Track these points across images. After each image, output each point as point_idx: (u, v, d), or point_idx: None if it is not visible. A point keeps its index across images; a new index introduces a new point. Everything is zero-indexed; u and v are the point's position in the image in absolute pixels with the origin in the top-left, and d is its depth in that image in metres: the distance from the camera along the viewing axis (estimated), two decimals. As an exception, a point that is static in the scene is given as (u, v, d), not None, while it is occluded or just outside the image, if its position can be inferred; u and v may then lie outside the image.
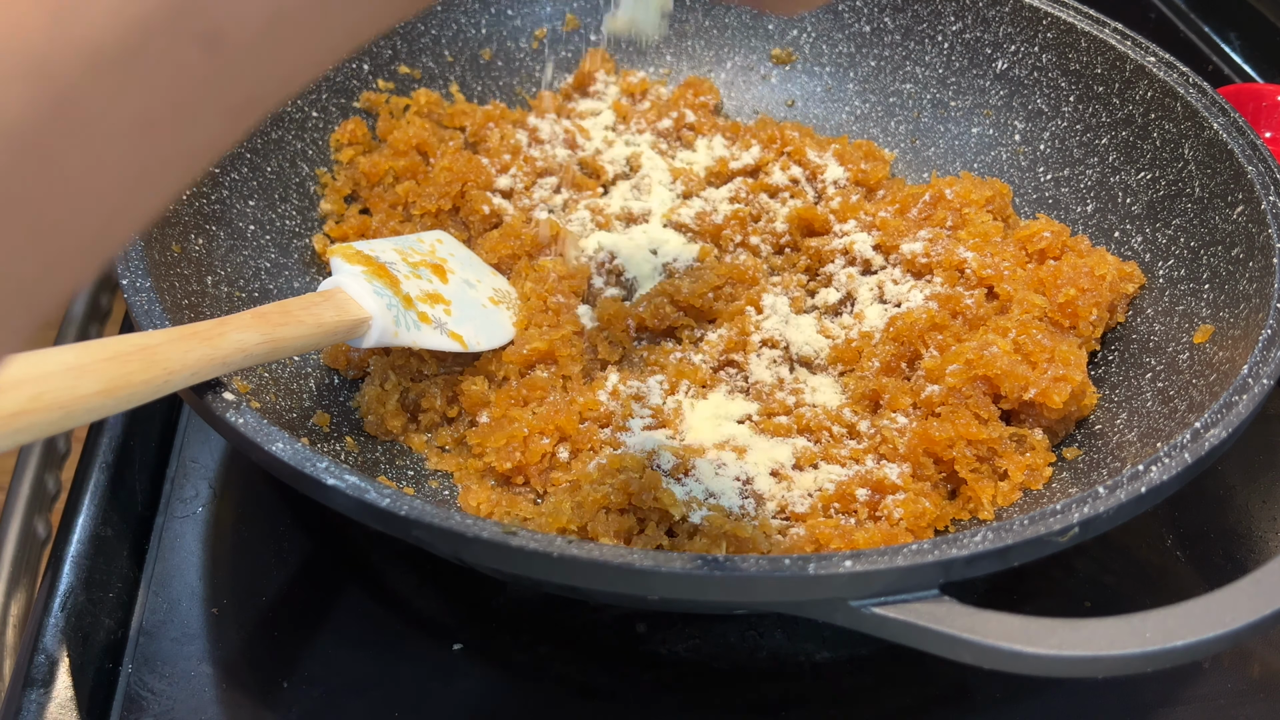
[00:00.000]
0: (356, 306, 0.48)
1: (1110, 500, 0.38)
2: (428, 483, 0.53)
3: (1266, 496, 0.56)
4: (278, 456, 0.39)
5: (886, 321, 0.57)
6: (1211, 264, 0.53)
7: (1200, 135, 0.56)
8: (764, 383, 0.57)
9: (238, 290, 0.55)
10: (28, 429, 0.33)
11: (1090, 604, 0.51)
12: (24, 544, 0.60)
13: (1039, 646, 0.35)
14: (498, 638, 0.50)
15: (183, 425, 0.59)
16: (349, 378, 0.57)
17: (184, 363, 0.38)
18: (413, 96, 0.70)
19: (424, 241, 0.58)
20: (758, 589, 0.35)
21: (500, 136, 0.69)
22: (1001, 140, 0.68)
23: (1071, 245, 0.59)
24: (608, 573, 0.36)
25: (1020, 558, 0.38)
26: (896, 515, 0.48)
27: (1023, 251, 0.59)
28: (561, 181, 0.68)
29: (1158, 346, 0.53)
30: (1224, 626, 0.35)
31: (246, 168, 0.60)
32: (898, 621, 0.36)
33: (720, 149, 0.71)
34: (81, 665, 0.47)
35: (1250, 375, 0.44)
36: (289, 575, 0.52)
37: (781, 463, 0.52)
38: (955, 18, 0.70)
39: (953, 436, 0.50)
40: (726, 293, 0.60)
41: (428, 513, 0.37)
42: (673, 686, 0.48)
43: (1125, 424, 0.51)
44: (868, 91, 0.74)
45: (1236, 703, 0.48)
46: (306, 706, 0.47)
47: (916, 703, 0.48)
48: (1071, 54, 0.64)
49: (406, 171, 0.65)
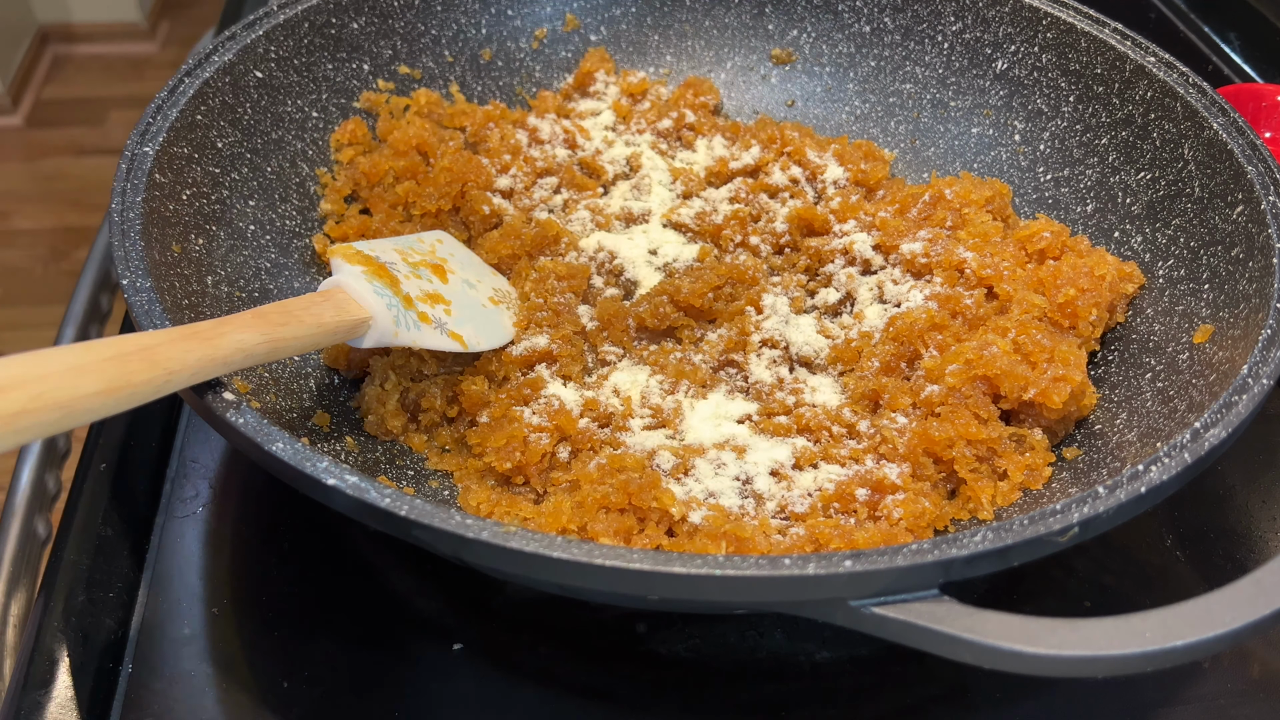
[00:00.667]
0: (357, 306, 0.47)
1: (1110, 500, 0.38)
2: (428, 483, 0.53)
3: (1266, 496, 0.56)
4: (278, 456, 0.39)
5: (886, 321, 0.57)
6: (1211, 264, 0.53)
7: (1200, 135, 0.56)
8: (764, 383, 0.57)
9: (238, 290, 0.55)
10: (28, 429, 0.33)
11: (1090, 604, 0.51)
12: (24, 544, 0.60)
13: (1039, 646, 0.35)
14: (498, 638, 0.50)
15: (183, 425, 0.59)
16: (349, 378, 0.57)
17: (184, 363, 0.38)
18: (413, 96, 0.70)
19: (424, 242, 0.58)
20: (758, 589, 0.35)
21: (500, 136, 0.69)
22: (1001, 140, 0.68)
23: (1071, 245, 0.59)
24: (607, 573, 0.35)
25: (1020, 558, 0.38)
26: (896, 515, 0.48)
27: (1022, 251, 0.59)
28: (561, 181, 0.68)
29: (1158, 346, 0.53)
30: (1224, 626, 0.35)
31: (247, 168, 0.60)
32: (898, 621, 0.36)
33: (720, 149, 0.71)
34: (81, 665, 0.47)
35: (1250, 375, 0.44)
36: (289, 575, 0.52)
37: (781, 462, 0.52)
38: (955, 18, 0.70)
39: (952, 436, 0.50)
40: (726, 293, 0.60)
41: (428, 513, 0.37)
42: (673, 686, 0.48)
43: (1125, 424, 0.51)
44: (868, 91, 0.74)
45: (1236, 703, 0.48)
46: (306, 706, 0.47)
47: (916, 703, 0.48)
48: (1071, 54, 0.64)
49: (406, 172, 0.65)
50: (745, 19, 0.76)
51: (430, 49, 0.72)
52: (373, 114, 0.69)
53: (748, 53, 0.77)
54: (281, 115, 0.63)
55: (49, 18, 2.36)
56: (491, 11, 0.73)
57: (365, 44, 0.68)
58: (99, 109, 2.24)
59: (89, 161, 2.11)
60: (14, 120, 2.18)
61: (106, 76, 2.35)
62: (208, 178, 0.56)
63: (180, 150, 0.55)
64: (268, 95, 0.62)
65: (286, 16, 0.63)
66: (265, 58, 0.62)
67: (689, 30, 0.77)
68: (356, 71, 0.68)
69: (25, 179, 2.07)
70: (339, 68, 0.67)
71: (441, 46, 0.72)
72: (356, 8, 0.67)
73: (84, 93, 2.30)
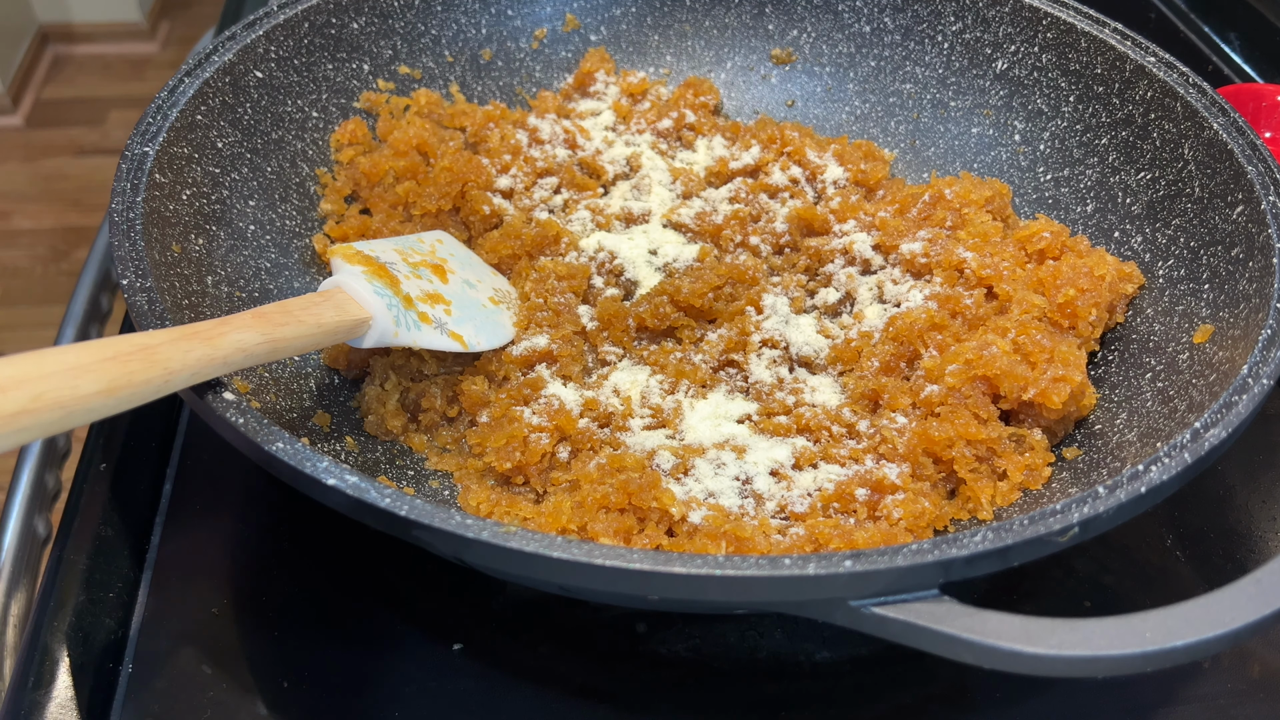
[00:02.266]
0: (357, 306, 0.48)
1: (1110, 500, 0.38)
2: (428, 483, 0.53)
3: (1266, 496, 0.56)
4: (278, 456, 0.39)
5: (886, 321, 0.57)
6: (1211, 264, 0.53)
7: (1200, 135, 0.56)
8: (764, 383, 0.57)
9: (238, 290, 0.55)
10: (28, 429, 0.33)
11: (1090, 604, 0.51)
12: (24, 544, 0.60)
13: (1039, 646, 0.35)
14: (498, 638, 0.50)
15: (183, 425, 0.59)
16: (349, 378, 0.57)
17: (184, 362, 0.38)
18: (413, 97, 0.70)
19: (424, 242, 0.58)
20: (758, 589, 0.35)
21: (500, 136, 0.69)
22: (1001, 140, 0.68)
23: (1071, 245, 0.59)
24: (607, 573, 0.35)
25: (1020, 558, 0.38)
26: (896, 515, 0.48)
27: (1022, 251, 0.59)
28: (561, 181, 0.68)
29: (1157, 346, 0.53)
30: (1224, 626, 0.35)
31: (247, 168, 0.60)
32: (898, 621, 0.36)
33: (720, 149, 0.71)
34: (81, 665, 0.47)
35: (1250, 375, 0.44)
36: (289, 575, 0.52)
37: (781, 462, 0.52)
38: (955, 18, 0.70)
39: (952, 436, 0.50)
40: (726, 293, 0.60)
41: (428, 513, 0.37)
42: (673, 686, 0.48)
43: (1125, 424, 0.51)
44: (868, 91, 0.74)
45: (1236, 703, 0.48)
46: (306, 706, 0.47)
47: (916, 703, 0.48)
48: (1071, 54, 0.64)
49: (407, 172, 0.65)
50: (745, 19, 0.76)
51: (430, 49, 0.72)
52: (373, 114, 0.69)
53: (748, 53, 0.77)
54: (281, 115, 0.63)
55: (49, 18, 2.36)
56: (491, 11, 0.73)
57: (365, 44, 0.68)
58: (99, 109, 2.25)
59: (89, 161, 2.12)
60: (14, 120, 2.18)
61: (106, 76, 2.35)
62: (208, 178, 0.56)
63: (180, 150, 0.55)
64: (268, 95, 0.62)
65: (286, 16, 0.63)
66: (265, 58, 0.62)
67: (689, 30, 0.77)
68: (356, 71, 0.68)
69: (25, 179, 2.07)
70: (339, 68, 0.67)
71: (441, 46, 0.72)
72: (356, 8, 0.67)
73: (84, 93, 2.30)
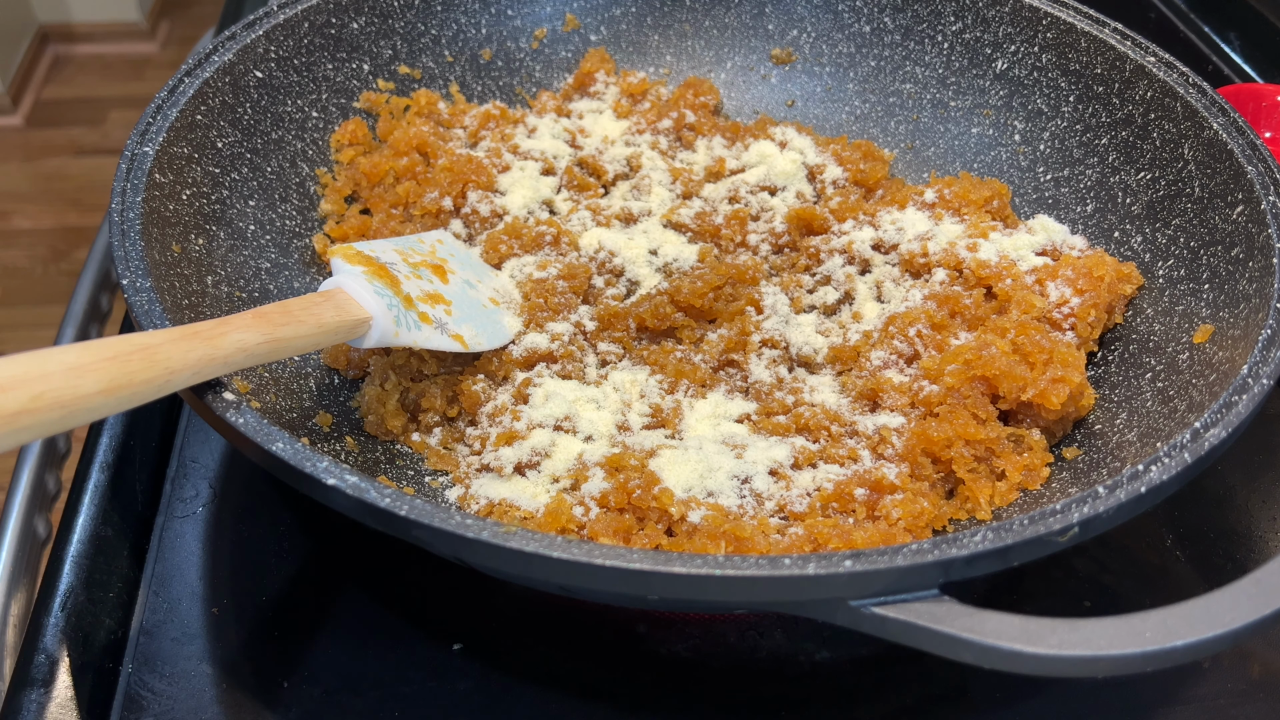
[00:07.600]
0: (357, 307, 0.47)
1: (1110, 500, 0.38)
2: (428, 483, 0.53)
3: (1266, 496, 0.56)
4: (278, 456, 0.39)
5: (885, 321, 0.57)
6: (1211, 264, 0.53)
7: (1200, 135, 0.56)
8: (763, 382, 0.57)
9: (238, 290, 0.55)
10: (28, 429, 0.33)
11: (1090, 604, 0.51)
12: (24, 544, 0.60)
13: (1039, 646, 0.35)
14: (498, 638, 0.50)
15: (183, 425, 0.59)
16: (349, 378, 0.57)
17: (185, 362, 0.38)
18: (413, 97, 0.70)
19: (424, 242, 0.58)
20: (758, 589, 0.35)
21: (500, 136, 0.69)
22: (1001, 140, 0.68)
23: (1070, 246, 0.59)
24: (607, 573, 0.35)
25: (1020, 558, 0.38)
26: (894, 515, 0.48)
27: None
28: (561, 181, 0.68)
29: (1157, 346, 0.53)
30: (1224, 626, 0.35)
31: (247, 168, 0.60)
32: (898, 621, 0.36)
33: (720, 149, 0.71)
34: (81, 665, 0.47)
35: (1250, 375, 0.44)
36: (289, 575, 0.52)
37: (780, 462, 0.52)
38: (955, 18, 0.70)
39: (951, 436, 0.50)
40: (726, 293, 0.60)
41: (428, 513, 0.37)
42: (673, 686, 0.48)
43: (1125, 424, 0.51)
44: (868, 91, 0.74)
45: (1236, 703, 0.48)
46: (306, 706, 0.47)
47: (916, 703, 0.48)
48: (1071, 54, 0.64)
49: (407, 172, 0.65)
50: (745, 19, 0.76)
51: (430, 49, 0.72)
52: (373, 114, 0.69)
53: (748, 53, 0.77)
54: (281, 115, 0.63)
55: (49, 18, 2.36)
56: (491, 11, 0.73)
57: (365, 44, 0.68)
58: (99, 109, 2.25)
59: (89, 161, 2.12)
60: (14, 120, 2.18)
61: (106, 76, 2.35)
62: (208, 178, 0.56)
63: (180, 150, 0.55)
64: (268, 95, 0.62)
65: (286, 16, 0.63)
66: (265, 58, 0.62)
67: (689, 30, 0.77)
68: (356, 71, 0.68)
69: (25, 179, 2.07)
70: (339, 68, 0.67)
71: (441, 46, 0.72)
72: (356, 8, 0.67)
73: (84, 93, 2.30)
